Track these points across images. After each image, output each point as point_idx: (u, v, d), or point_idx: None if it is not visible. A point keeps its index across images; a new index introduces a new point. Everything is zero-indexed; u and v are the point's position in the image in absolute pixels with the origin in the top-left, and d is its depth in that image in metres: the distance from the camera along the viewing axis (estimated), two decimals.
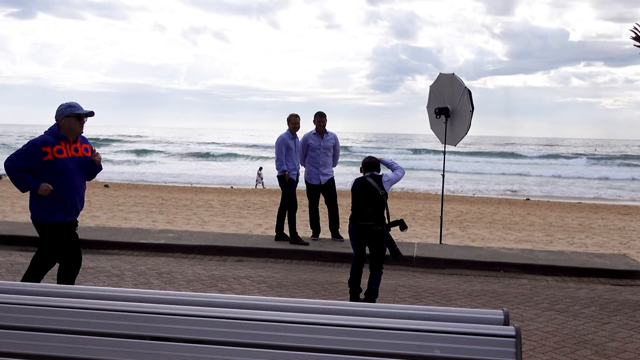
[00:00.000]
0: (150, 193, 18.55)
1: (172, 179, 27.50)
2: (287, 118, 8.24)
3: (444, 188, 9.28)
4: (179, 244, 7.98)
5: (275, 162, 8.28)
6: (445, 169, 9.40)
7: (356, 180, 5.76)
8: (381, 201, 5.54)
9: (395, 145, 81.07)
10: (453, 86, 8.65)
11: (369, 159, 5.80)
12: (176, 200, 16.49)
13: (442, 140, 8.94)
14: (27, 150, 4.37)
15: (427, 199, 19.84)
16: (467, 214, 15.26)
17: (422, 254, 7.64)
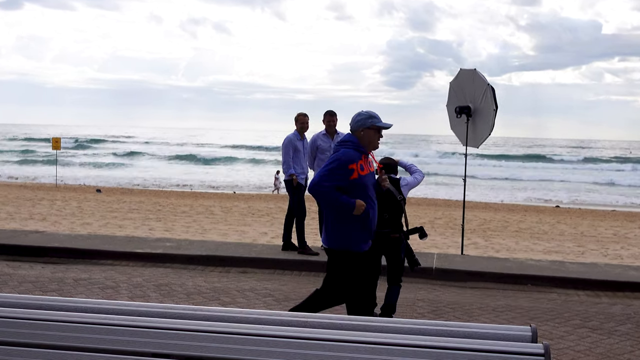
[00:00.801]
0: (147, 198, 18.63)
1: (169, 183, 27.60)
2: (295, 117, 8.25)
3: (466, 194, 9.25)
4: (178, 253, 8.00)
5: (282, 165, 8.29)
6: (467, 174, 9.37)
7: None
8: (399, 207, 5.54)
9: (412, 147, 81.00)
10: (475, 83, 8.65)
11: (387, 160, 5.84)
12: (174, 206, 16.55)
13: (463, 142, 8.93)
14: (335, 170, 4.07)
15: (448, 205, 19.79)
16: (491, 222, 15.19)
17: (442, 266, 7.62)
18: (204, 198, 19.87)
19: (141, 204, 16.69)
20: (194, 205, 16.85)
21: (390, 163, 5.79)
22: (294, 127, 8.25)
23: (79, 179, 28.92)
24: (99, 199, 18.05)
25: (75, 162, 41.23)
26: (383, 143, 55.82)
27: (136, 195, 20.33)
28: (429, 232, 12.84)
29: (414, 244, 8.96)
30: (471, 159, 43.41)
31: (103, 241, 8.69)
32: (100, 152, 53.70)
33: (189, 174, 34.18)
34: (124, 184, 26.64)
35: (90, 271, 7.33)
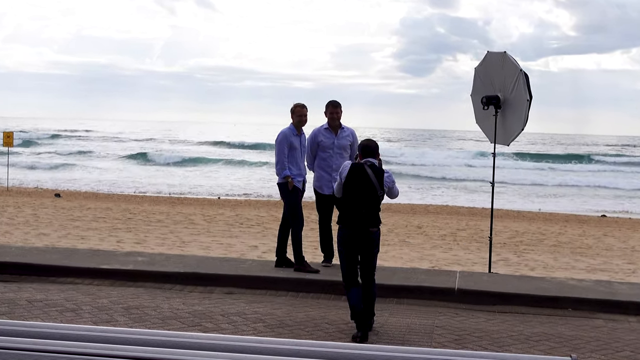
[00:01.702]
0: (115, 205, 18.66)
1: (142, 187, 27.62)
2: (291, 109, 8.27)
3: (494, 201, 9.26)
4: (152, 270, 8.02)
5: (275, 165, 8.29)
6: (496, 177, 9.38)
7: (352, 165, 6.02)
8: (377, 201, 5.90)
9: (430, 144, 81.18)
10: (505, 68, 8.68)
11: (367, 142, 6.08)
12: (147, 214, 16.59)
13: (491, 139, 8.95)
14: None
15: (472, 214, 19.80)
16: (525, 234, 15.21)
17: (466, 286, 7.63)
18: (183, 204, 19.89)
19: (108, 211, 16.70)
20: (170, 213, 16.87)
21: (371, 145, 6.04)
22: (290, 120, 8.27)
23: (35, 181, 28.93)
24: (58, 204, 18.08)
25: (30, 161, 41.33)
26: (395, 140, 55.96)
27: (102, 200, 20.36)
28: (451, 247, 12.84)
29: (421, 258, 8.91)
30: (501, 159, 43.48)
31: (63, 255, 8.69)
32: (61, 149, 53.78)
33: (161, 177, 34.14)
34: (87, 187, 26.63)
35: (47, 291, 7.33)
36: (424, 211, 20.50)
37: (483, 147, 61.38)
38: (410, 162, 48.47)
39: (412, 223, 16.66)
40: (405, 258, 11.21)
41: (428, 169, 43.19)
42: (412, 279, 7.93)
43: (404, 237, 13.98)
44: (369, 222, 5.93)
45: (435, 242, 13.40)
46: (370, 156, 6.04)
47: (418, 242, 13.41)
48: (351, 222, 5.94)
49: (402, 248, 12.41)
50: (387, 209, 20.46)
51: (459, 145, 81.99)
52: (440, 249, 12.46)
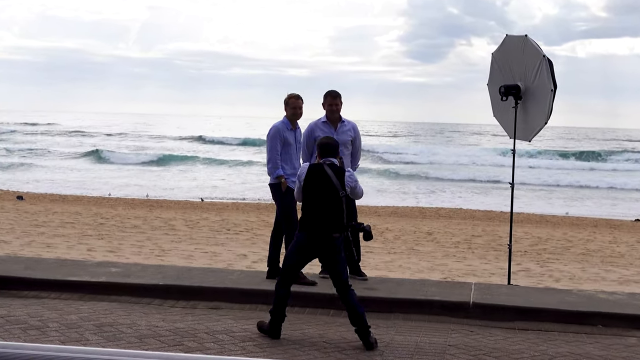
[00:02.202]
0: (85, 208, 18.64)
1: (115, 189, 27.59)
2: (285, 100, 8.28)
3: (514, 203, 9.27)
4: (127, 282, 8.02)
5: (266, 163, 8.30)
6: (516, 176, 9.39)
7: (310, 166, 6.30)
8: (340, 203, 6.14)
9: (442, 140, 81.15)
10: (526, 54, 8.71)
11: (326, 140, 6.45)
12: (122, 218, 16.59)
13: (510, 134, 8.97)
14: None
15: (489, 219, 19.80)
16: (548, 241, 15.24)
17: (483, 300, 7.64)
18: (162, 208, 19.86)
19: (77, 216, 16.68)
20: (148, 218, 16.87)
21: (331, 143, 6.36)
22: (283, 113, 8.29)
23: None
24: (21, 208, 18.04)
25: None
26: (401, 135, 55.87)
27: (70, 203, 20.33)
28: (465, 256, 12.84)
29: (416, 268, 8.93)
30: (521, 157, 43.47)
31: (26, 266, 8.68)
32: (19, 145, 53.68)
33: (135, 178, 34.08)
34: (53, 189, 26.57)
35: (8, 306, 7.31)
36: (435, 215, 20.50)
37: (501, 143, 61.43)
38: (419, 161, 48.53)
39: (421, 229, 16.65)
40: (414, 268, 11.21)
41: (439, 168, 43.21)
42: (421, 291, 7.94)
43: (412, 245, 13.97)
44: (331, 226, 6.15)
45: (447, 250, 13.41)
46: (329, 155, 6.32)
47: (428, 250, 13.41)
48: (312, 226, 6.17)
49: (410, 257, 12.41)
50: (394, 213, 20.46)
51: (473, 141, 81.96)
52: (453, 258, 12.48)
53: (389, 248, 13.44)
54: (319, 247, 6.21)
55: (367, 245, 13.02)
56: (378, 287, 8.06)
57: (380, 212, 20.84)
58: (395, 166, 44.52)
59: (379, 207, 22.60)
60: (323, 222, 6.16)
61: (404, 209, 22.17)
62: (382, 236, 15.01)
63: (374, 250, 12.87)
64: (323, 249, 6.23)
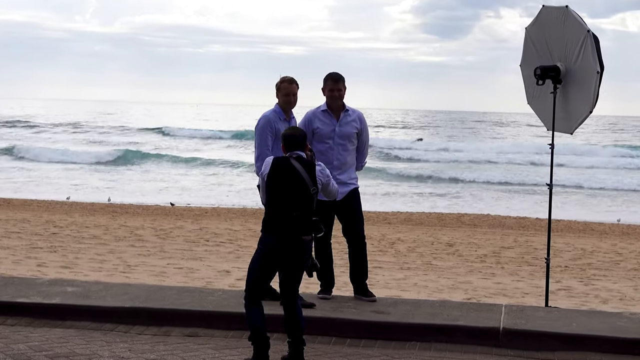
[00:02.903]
0: (34, 215, 18.60)
1: (71, 193, 27.53)
2: (276, 85, 8.26)
3: (552, 209, 9.20)
4: (86, 305, 7.96)
5: (254, 161, 8.26)
6: (555, 176, 9.33)
7: (274, 160, 6.61)
8: (310, 201, 6.44)
9: (464, 132, 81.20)
10: (567, 29, 8.66)
11: (292, 131, 6.77)
12: (79, 227, 16.55)
13: (548, 125, 8.94)
14: None
15: (522, 227, 19.79)
16: (594, 253, 15.22)
17: (515, 325, 7.60)
18: (128, 215, 19.85)
19: (24, 224, 16.64)
20: (111, 227, 16.86)
21: (297, 134, 6.68)
22: (275, 99, 8.28)
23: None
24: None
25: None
26: (415, 127, 56.03)
27: (16, 209, 20.29)
28: (493, 272, 12.79)
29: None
30: (561, 154, 43.32)
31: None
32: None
33: (94, 179, 34.11)
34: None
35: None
36: (457, 223, 20.47)
37: (537, 137, 61.50)
38: (435, 158, 48.52)
39: (440, 239, 16.64)
40: (432, 287, 11.20)
41: (460, 167, 43.23)
42: (441, 315, 7.90)
43: (429, 259, 13.96)
44: (301, 227, 6.39)
45: (472, 265, 13.40)
46: (295, 148, 6.58)
47: (449, 265, 13.39)
48: (278, 228, 6.39)
49: (427, 273, 12.40)
50: (407, 221, 20.44)
51: (503, 133, 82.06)
52: (479, 275, 12.48)
53: (401, 263, 13.43)
54: (285, 251, 6.40)
55: (374, 259, 12.98)
56: (389, 310, 8.02)
57: (391, 219, 20.83)
58: (407, 164, 44.57)
59: (388, 213, 22.60)
60: (291, 223, 6.35)
61: (419, 215, 22.15)
62: (393, 248, 15.01)
63: (383, 266, 12.85)
64: (290, 254, 6.41)
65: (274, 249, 6.39)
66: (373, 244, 14.79)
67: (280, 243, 6.36)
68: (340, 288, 9.43)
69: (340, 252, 10.49)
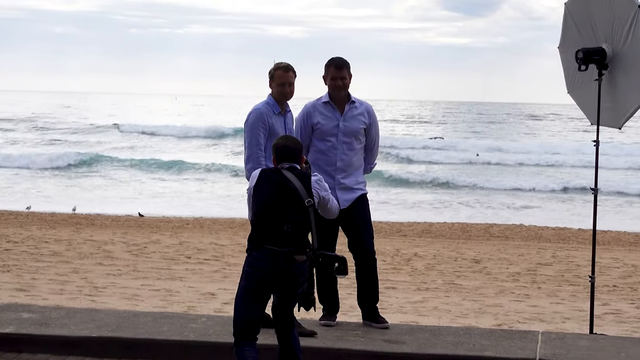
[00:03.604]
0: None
1: (25, 202, 27.57)
2: (269, 73, 8.26)
3: (598, 218, 9.16)
4: (46, 334, 7.95)
5: (244, 162, 8.27)
6: (601, 179, 9.27)
7: (262, 172, 6.67)
8: (306, 215, 6.43)
9: (491, 127, 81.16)
10: (614, 4, 8.62)
11: (284, 141, 6.79)
12: (37, 242, 16.55)
13: (591, 118, 8.93)
14: None
15: (562, 239, 19.80)
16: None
17: (554, 356, 7.58)
18: (94, 227, 19.89)
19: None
20: (74, 241, 16.88)
21: (290, 145, 6.71)
22: (268, 90, 8.28)
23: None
24: None
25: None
26: (436, 122, 56.20)
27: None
28: (530, 293, 12.75)
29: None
30: (607, 154, 43.30)
31: None
32: None
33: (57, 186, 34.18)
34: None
35: None
36: (484, 235, 20.47)
37: (579, 132, 61.54)
38: (458, 159, 48.45)
39: (464, 254, 16.63)
40: (456, 311, 11.20)
41: (488, 169, 43.25)
42: (466, 345, 7.89)
43: (452, 277, 13.96)
44: (294, 246, 6.34)
45: (502, 285, 13.39)
46: (288, 160, 6.62)
47: (475, 284, 13.39)
48: (267, 245, 6.36)
49: (449, 295, 12.39)
50: (425, 233, 20.43)
51: (538, 128, 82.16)
52: (511, 296, 12.49)
53: (419, 282, 13.41)
54: (277, 273, 6.31)
55: (387, 278, 12.95)
56: (404, 338, 8.01)
57: (406, 230, 20.83)
58: (425, 166, 44.58)
59: (404, 224, 22.60)
60: (282, 239, 6.30)
61: (439, 226, 22.15)
62: (409, 265, 15.00)
63: (397, 286, 12.84)
64: (281, 277, 6.34)
65: (261, 271, 6.32)
66: (385, 261, 14.80)
67: (269, 262, 6.29)
68: (347, 312, 9.42)
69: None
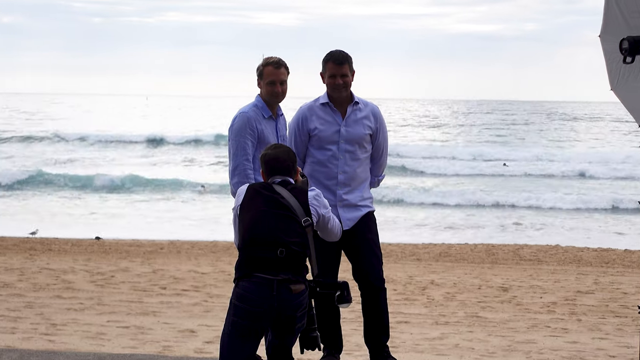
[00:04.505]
0: None
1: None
2: (258, 69, 8.34)
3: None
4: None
5: (229, 176, 8.33)
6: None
7: (249, 188, 6.73)
8: (303, 237, 6.44)
9: (521, 132, 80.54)
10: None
11: (274, 152, 6.81)
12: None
13: (638, 118, 9.03)
14: None
15: (605, 263, 19.67)
16: None
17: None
18: (52, 253, 19.62)
19: None
20: (28, 270, 16.78)
21: (280, 157, 6.76)
22: (256, 90, 8.37)
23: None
24: None
25: None
26: (454, 124, 56.09)
27: None
28: (569, 327, 12.76)
29: None
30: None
31: None
32: None
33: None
34: None
35: None
36: (513, 258, 20.33)
37: (626, 135, 61.38)
38: (481, 170, 48.23)
39: (490, 281, 16.50)
40: (480, 349, 11.15)
41: (516, 182, 43.10)
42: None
43: (475, 309, 13.84)
44: (290, 273, 6.37)
45: (535, 318, 13.34)
46: (279, 173, 6.66)
47: (503, 317, 13.33)
48: (257, 268, 6.37)
49: (472, 329, 12.32)
50: (443, 256, 20.32)
51: (575, 132, 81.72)
52: (546, 331, 12.42)
53: (436, 315, 13.33)
54: (269, 305, 6.32)
55: (398, 310, 12.92)
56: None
57: (421, 254, 20.69)
58: (442, 179, 44.42)
59: (417, 246, 22.46)
60: (274, 266, 6.32)
61: (459, 248, 22.00)
62: (424, 295, 14.83)
63: (410, 320, 12.71)
64: (277, 310, 6.35)
65: (252, 304, 6.29)
66: (396, 290, 14.70)
67: (261, 293, 6.28)
68: (352, 352, 9.39)
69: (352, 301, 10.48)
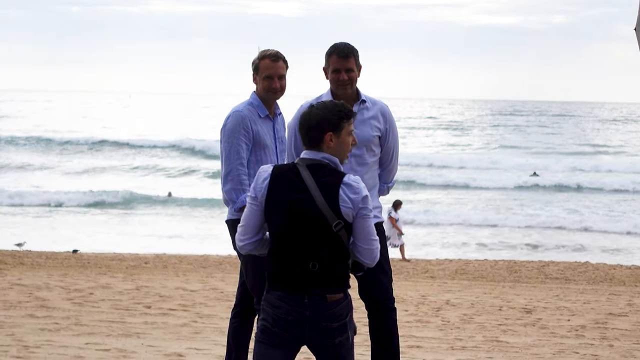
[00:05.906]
0: None
1: None
2: (253, 63, 8.49)
3: None
4: None
5: (222, 181, 8.39)
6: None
7: (275, 171, 6.20)
8: (336, 243, 6.10)
9: (547, 136, 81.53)
10: None
11: (309, 114, 6.14)
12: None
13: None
14: None
15: (639, 282, 19.84)
16: None
17: None
18: (24, 267, 20.14)
19: None
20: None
21: (313, 125, 6.12)
22: (252, 86, 8.46)
23: None
24: None
25: None
26: (463, 128, 57.36)
27: None
28: (599, 353, 12.77)
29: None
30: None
31: None
32: None
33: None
34: None
35: None
36: (538, 276, 20.53)
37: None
38: (501, 180, 48.58)
39: (512, 302, 16.70)
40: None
41: (541, 192, 43.42)
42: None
43: (495, 333, 14.02)
44: (321, 284, 6.14)
45: (562, 343, 13.48)
46: (311, 145, 6.16)
47: (526, 342, 13.47)
48: (287, 284, 6.18)
49: (491, 355, 12.50)
50: (460, 273, 20.49)
51: (606, 136, 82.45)
52: (574, 357, 12.53)
53: (452, 339, 13.46)
54: (299, 329, 6.12)
55: (410, 334, 12.92)
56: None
57: (435, 271, 20.94)
58: (459, 191, 44.74)
59: (431, 262, 22.75)
60: (304, 279, 6.07)
61: (478, 265, 22.24)
62: (439, 317, 15.02)
63: (423, 344, 12.85)
64: (308, 334, 6.15)
65: (279, 312, 6.11)
66: (407, 310, 14.93)
67: (290, 302, 6.10)
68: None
69: (358, 323, 10.41)
